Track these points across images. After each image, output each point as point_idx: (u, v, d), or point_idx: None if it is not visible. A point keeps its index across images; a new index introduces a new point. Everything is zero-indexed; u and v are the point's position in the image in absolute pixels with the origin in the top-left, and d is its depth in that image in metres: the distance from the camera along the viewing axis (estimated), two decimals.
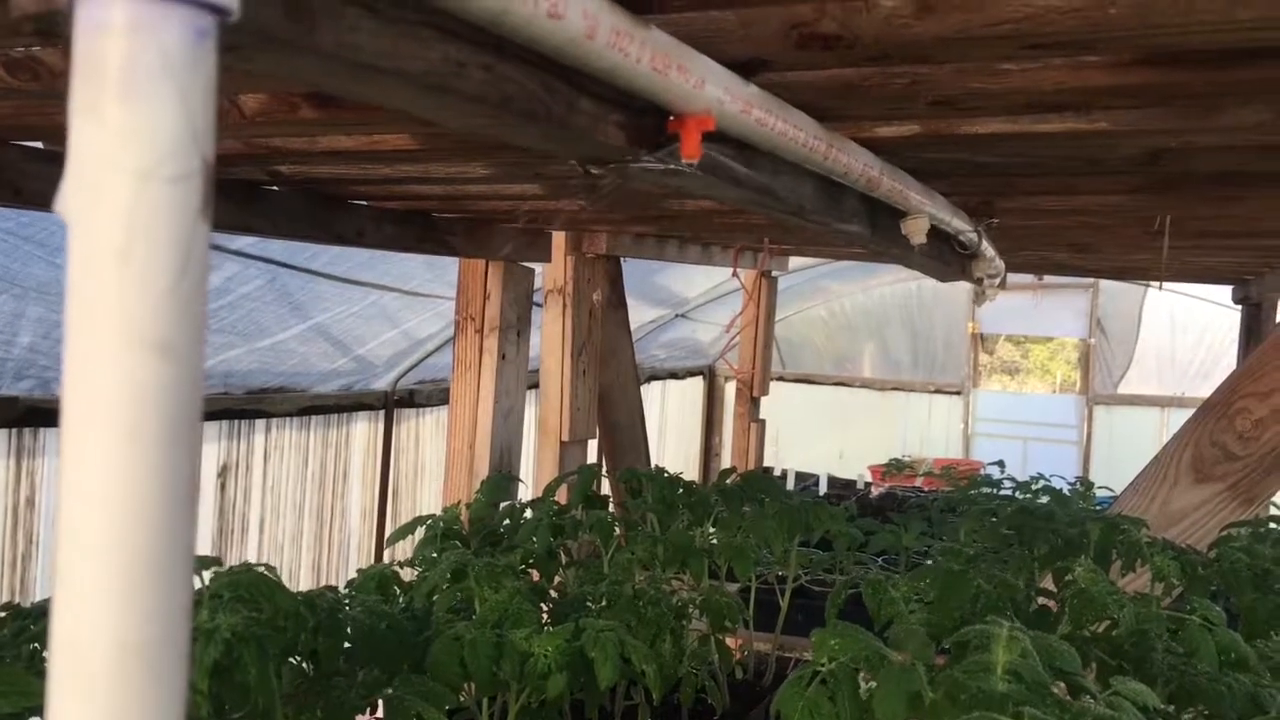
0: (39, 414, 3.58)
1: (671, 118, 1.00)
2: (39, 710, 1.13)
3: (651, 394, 7.73)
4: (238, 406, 4.48)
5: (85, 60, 0.43)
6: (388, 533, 5.40)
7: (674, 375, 8.62)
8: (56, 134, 1.79)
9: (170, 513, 0.44)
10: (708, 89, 0.95)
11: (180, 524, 0.44)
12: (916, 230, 1.79)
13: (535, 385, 3.60)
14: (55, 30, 0.46)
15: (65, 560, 0.43)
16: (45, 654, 1.44)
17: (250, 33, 0.55)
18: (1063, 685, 1.52)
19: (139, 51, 0.42)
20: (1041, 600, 2.12)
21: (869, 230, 1.75)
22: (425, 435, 5.81)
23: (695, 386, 9.11)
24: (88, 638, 0.43)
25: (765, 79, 1.12)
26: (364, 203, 2.63)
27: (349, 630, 1.60)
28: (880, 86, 1.24)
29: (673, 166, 1.04)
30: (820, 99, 1.29)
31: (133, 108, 0.42)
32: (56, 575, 0.44)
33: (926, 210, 1.78)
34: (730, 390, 8.05)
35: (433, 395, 5.69)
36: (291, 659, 1.54)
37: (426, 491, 5.77)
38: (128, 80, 0.42)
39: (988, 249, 2.39)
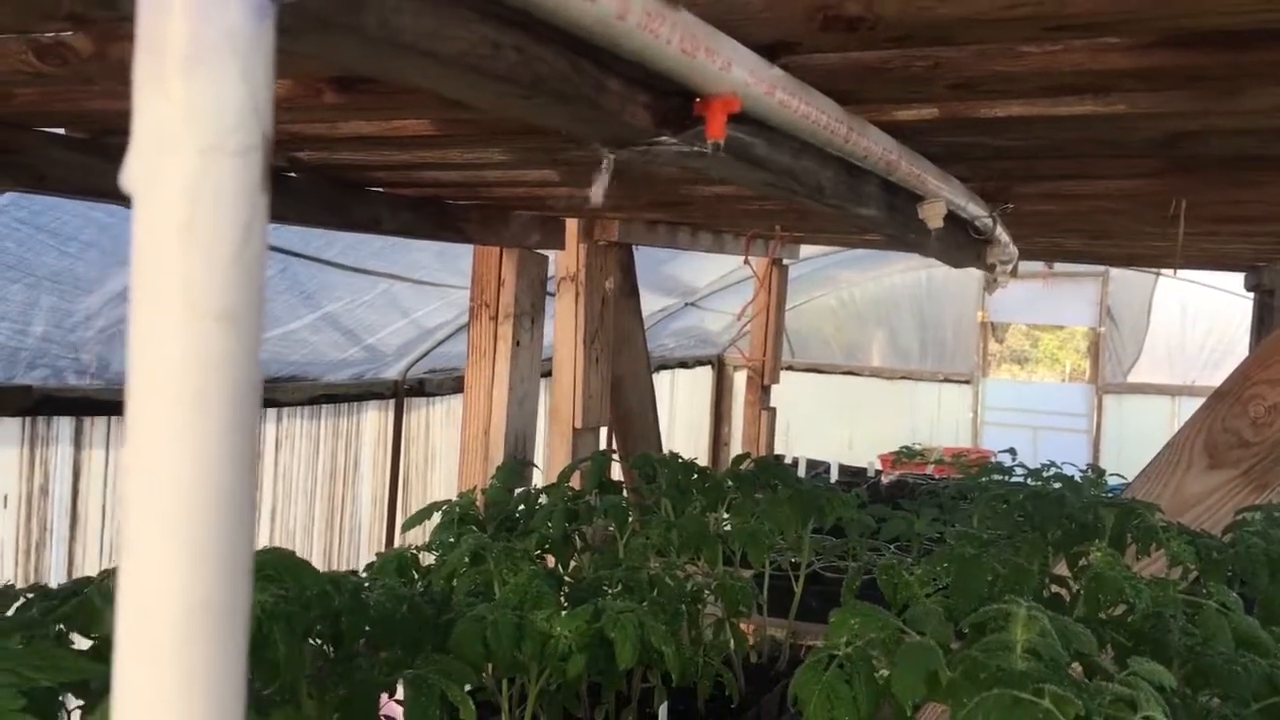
0: (52, 403, 3.60)
1: (697, 99, 1.01)
2: (73, 685, 1.15)
3: (661, 383, 7.73)
4: None
5: (150, 36, 0.44)
6: (398, 521, 5.43)
7: (683, 364, 8.63)
8: (80, 120, 1.80)
9: (235, 477, 0.45)
10: (734, 71, 0.96)
11: (243, 489, 0.46)
12: (933, 215, 1.80)
13: (549, 373, 3.61)
14: (115, 10, 0.47)
15: (134, 526, 0.44)
16: (73, 633, 1.46)
17: (300, 14, 0.56)
18: (1078, 667, 1.53)
19: (203, 28, 0.43)
20: (1055, 587, 2.13)
21: (886, 215, 1.75)
22: (436, 424, 5.83)
23: (704, 376, 9.12)
24: (155, 601, 0.44)
25: (789, 61, 1.13)
26: (381, 190, 2.64)
27: (371, 612, 1.62)
28: (901, 69, 1.24)
29: (697, 148, 1.05)
30: (842, 82, 1.30)
31: (198, 83, 0.43)
32: (123, 541, 0.45)
33: (943, 195, 1.78)
34: (739, 380, 8.05)
35: (443, 384, 5.71)
36: (311, 639, 1.56)
37: (437, 480, 5.80)
38: (193, 56, 0.43)
39: (1002, 234, 2.39)
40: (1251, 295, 5.05)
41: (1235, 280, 5.36)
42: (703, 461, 7.95)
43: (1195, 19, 1.03)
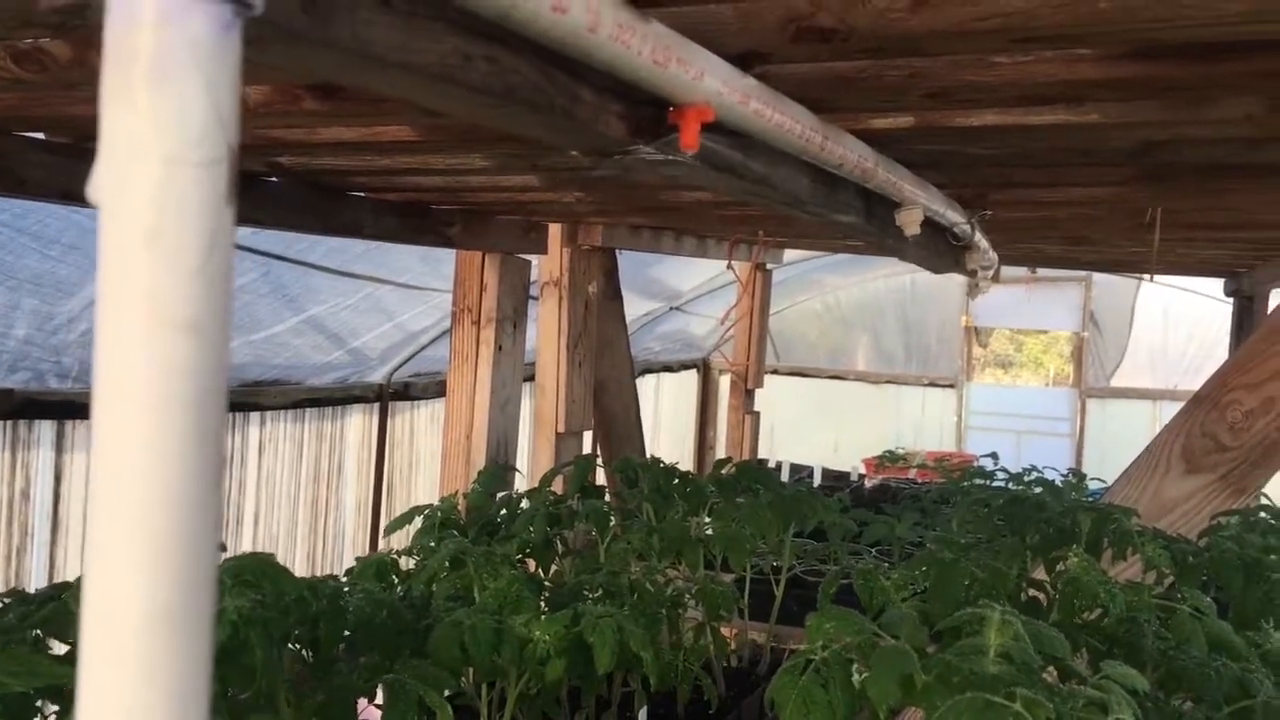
0: (34, 406, 3.58)
1: (671, 109, 1.02)
2: (47, 690, 1.15)
3: (645, 387, 7.75)
4: (232, 399, 4.49)
5: (117, 50, 0.44)
6: (382, 526, 5.42)
7: (668, 368, 8.64)
8: (60, 125, 1.80)
9: (198, 485, 0.46)
10: (707, 81, 0.97)
11: (207, 496, 0.46)
12: (910, 221, 1.81)
13: (532, 377, 3.62)
14: (85, 21, 0.48)
15: (98, 531, 0.45)
16: (49, 639, 1.46)
17: (268, 26, 0.56)
18: (1055, 671, 1.54)
19: (169, 42, 0.44)
20: (1033, 592, 2.15)
21: (864, 221, 1.77)
22: (420, 428, 5.82)
23: (689, 380, 9.13)
24: (119, 606, 0.45)
25: (762, 71, 1.14)
26: (363, 194, 2.65)
27: (349, 617, 1.62)
28: (875, 79, 1.26)
29: (672, 157, 1.06)
30: (816, 91, 1.31)
31: (163, 96, 0.44)
32: (88, 546, 0.46)
33: (920, 201, 1.80)
34: (724, 384, 8.07)
35: (428, 388, 5.70)
36: (290, 645, 1.56)
37: (421, 484, 5.79)
38: (158, 69, 0.44)
39: (981, 240, 2.41)
40: (1231, 300, 5.09)
41: (1216, 285, 5.41)
42: (688, 466, 7.96)
43: (1163, 32, 1.04)
